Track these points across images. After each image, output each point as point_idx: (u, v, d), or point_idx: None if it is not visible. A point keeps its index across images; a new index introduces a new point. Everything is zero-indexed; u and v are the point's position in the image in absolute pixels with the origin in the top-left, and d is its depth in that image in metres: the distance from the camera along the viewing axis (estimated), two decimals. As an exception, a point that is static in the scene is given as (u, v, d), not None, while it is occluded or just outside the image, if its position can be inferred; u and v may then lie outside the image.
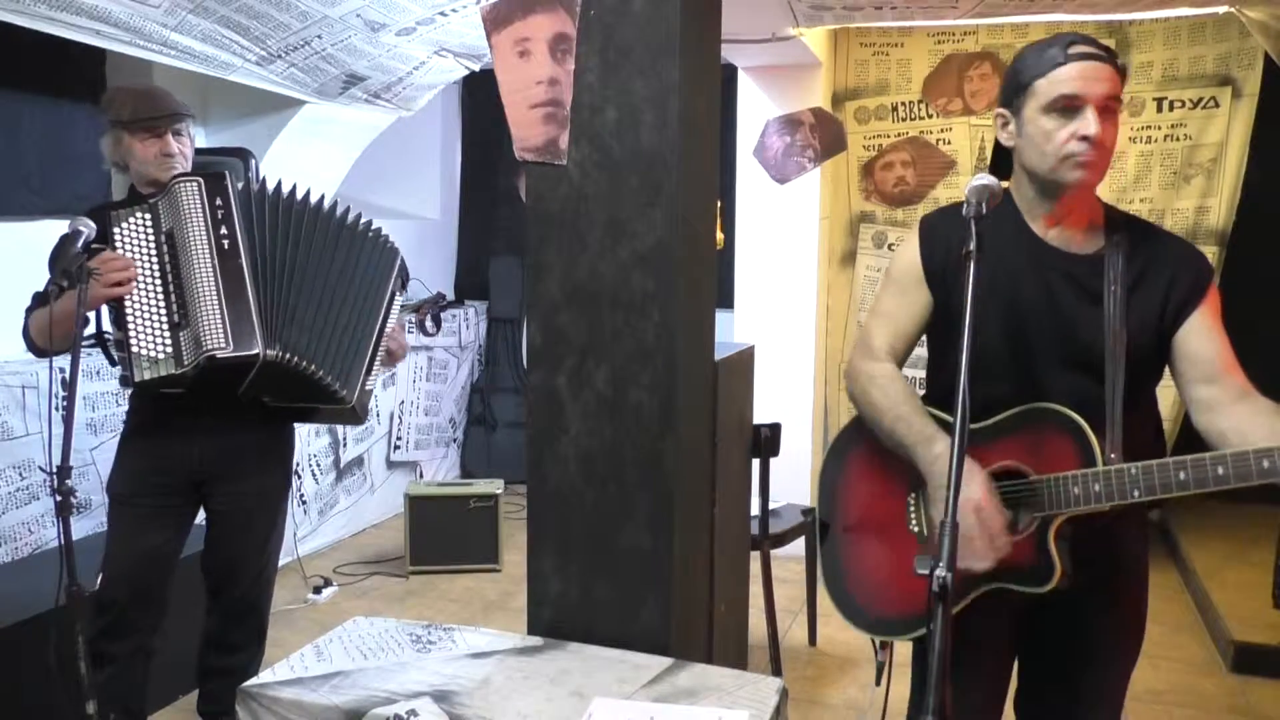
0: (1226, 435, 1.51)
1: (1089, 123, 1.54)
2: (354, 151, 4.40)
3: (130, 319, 2.22)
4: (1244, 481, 1.40)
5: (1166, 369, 1.68)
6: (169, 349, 2.22)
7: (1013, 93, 1.64)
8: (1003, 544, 1.51)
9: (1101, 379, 1.61)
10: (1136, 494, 1.48)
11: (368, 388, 2.51)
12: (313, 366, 2.34)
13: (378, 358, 2.53)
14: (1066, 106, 1.57)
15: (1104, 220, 1.67)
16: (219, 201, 2.31)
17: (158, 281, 2.27)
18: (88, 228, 2.13)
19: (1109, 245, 1.63)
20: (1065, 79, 1.56)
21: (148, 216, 2.30)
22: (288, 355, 2.31)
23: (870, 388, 1.74)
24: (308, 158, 4.04)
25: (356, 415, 2.52)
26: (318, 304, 2.39)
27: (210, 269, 2.27)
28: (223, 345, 2.22)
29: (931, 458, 1.61)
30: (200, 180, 2.32)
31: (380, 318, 2.52)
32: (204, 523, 2.57)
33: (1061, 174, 1.59)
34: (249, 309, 2.27)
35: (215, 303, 2.25)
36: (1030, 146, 1.62)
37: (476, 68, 3.86)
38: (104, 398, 3.48)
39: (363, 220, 2.54)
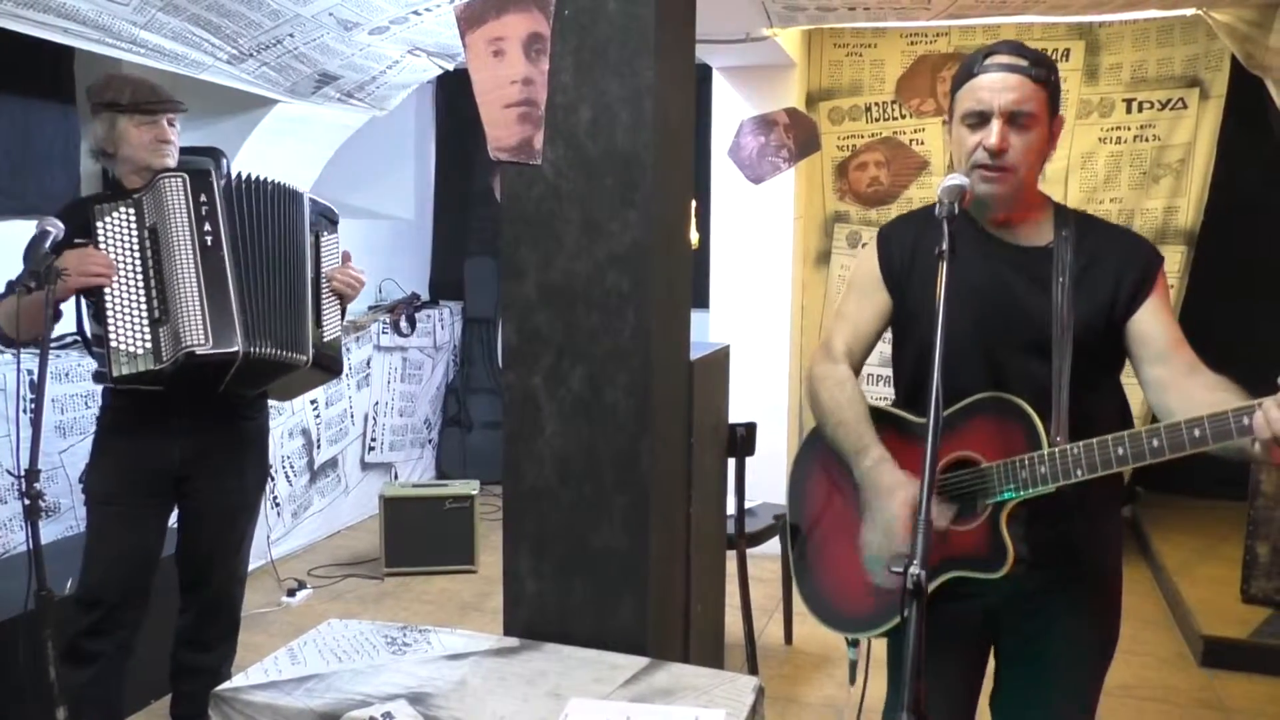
0: (1174, 411, 1.54)
1: (990, 132, 1.60)
2: (327, 151, 4.38)
3: (110, 314, 2.22)
4: (1178, 452, 1.43)
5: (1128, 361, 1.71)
6: (148, 345, 2.23)
7: (949, 100, 1.71)
8: (943, 533, 1.55)
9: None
10: (1079, 473, 1.52)
11: (326, 339, 2.50)
12: (285, 353, 2.36)
13: (323, 307, 2.51)
14: (976, 119, 1.63)
15: (1052, 216, 1.72)
16: (203, 198, 2.33)
17: (139, 277, 2.27)
18: (55, 228, 2.15)
19: (1057, 239, 1.69)
20: (973, 90, 1.63)
21: (131, 211, 2.31)
22: (268, 350, 2.32)
23: (821, 390, 1.80)
24: (280, 157, 4.01)
25: (327, 370, 2.52)
26: (272, 284, 2.40)
27: (193, 265, 2.28)
28: (202, 342, 2.23)
29: (862, 470, 1.69)
30: (185, 176, 2.34)
31: (309, 267, 2.50)
32: (177, 520, 2.55)
33: (973, 184, 1.63)
34: (230, 305, 2.29)
35: (196, 299, 2.26)
36: (955, 153, 1.70)
37: (450, 67, 3.84)
38: (73, 400, 3.43)
39: (274, 182, 2.49)
